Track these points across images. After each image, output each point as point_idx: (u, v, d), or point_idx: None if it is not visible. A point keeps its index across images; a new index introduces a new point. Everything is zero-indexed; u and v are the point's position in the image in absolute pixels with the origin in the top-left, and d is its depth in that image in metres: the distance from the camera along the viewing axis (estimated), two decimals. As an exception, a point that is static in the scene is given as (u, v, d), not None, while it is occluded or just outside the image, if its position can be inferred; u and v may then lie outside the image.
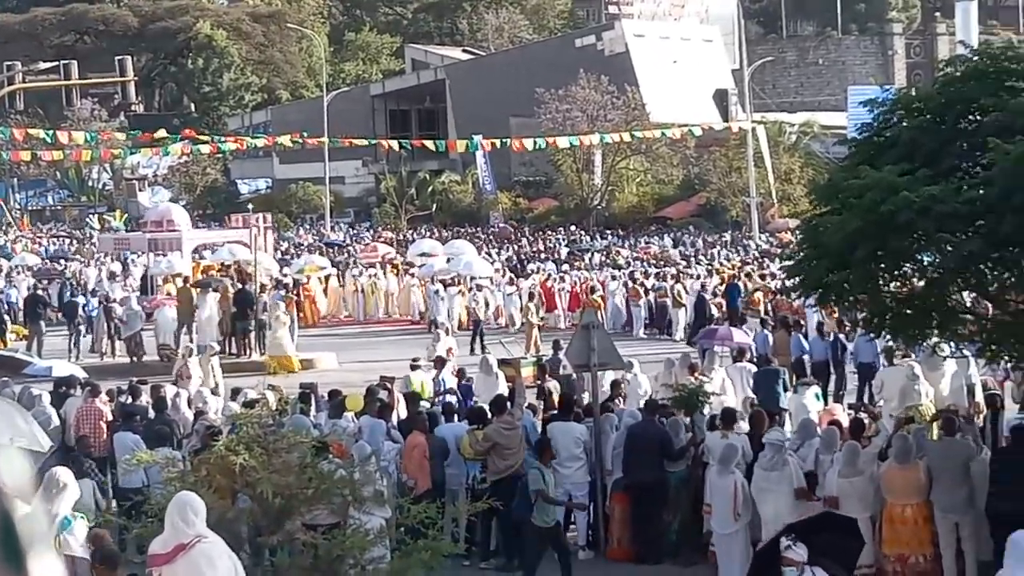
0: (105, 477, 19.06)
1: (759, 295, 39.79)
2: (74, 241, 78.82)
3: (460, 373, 26.16)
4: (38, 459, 15.01)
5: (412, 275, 48.84)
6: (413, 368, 26.26)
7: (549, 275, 48.15)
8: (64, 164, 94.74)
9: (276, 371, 33.78)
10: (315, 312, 46.73)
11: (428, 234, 74.97)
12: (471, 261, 49.13)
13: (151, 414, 21.45)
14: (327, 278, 50.03)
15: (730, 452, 16.89)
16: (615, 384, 22.95)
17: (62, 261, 62.99)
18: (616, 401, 21.63)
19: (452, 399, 23.68)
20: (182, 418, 21.84)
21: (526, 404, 20.29)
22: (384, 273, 50.57)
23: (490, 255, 58.72)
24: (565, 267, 53.14)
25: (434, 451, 18.53)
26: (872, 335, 20.22)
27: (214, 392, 25.90)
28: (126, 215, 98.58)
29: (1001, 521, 15.56)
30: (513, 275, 49.64)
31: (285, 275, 47.60)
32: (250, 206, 53.04)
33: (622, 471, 18.53)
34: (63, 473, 12.91)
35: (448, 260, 49.72)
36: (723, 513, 16.71)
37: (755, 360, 26.89)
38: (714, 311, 38.15)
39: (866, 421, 19.70)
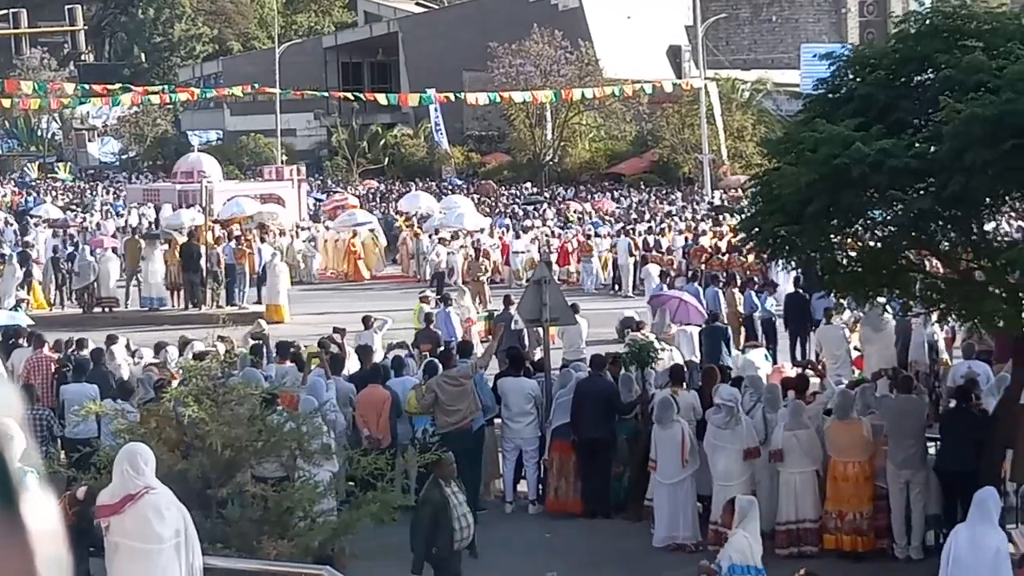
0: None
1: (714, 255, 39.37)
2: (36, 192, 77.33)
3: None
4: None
5: (422, 229, 47.87)
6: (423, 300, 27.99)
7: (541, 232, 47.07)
8: (13, 113, 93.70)
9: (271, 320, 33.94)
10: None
11: (378, 187, 74.53)
12: (463, 214, 48.87)
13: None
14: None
15: (665, 405, 16.94)
16: None
17: (69, 213, 60.84)
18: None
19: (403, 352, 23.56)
20: (115, 367, 21.72)
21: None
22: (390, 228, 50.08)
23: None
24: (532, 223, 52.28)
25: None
26: (823, 293, 20.31)
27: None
28: (70, 165, 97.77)
29: (947, 477, 15.77)
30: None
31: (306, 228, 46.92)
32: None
33: (571, 426, 18.45)
34: (10, 425, 12.75)
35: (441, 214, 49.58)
36: (669, 463, 16.75)
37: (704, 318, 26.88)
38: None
39: (812, 379, 19.65)
